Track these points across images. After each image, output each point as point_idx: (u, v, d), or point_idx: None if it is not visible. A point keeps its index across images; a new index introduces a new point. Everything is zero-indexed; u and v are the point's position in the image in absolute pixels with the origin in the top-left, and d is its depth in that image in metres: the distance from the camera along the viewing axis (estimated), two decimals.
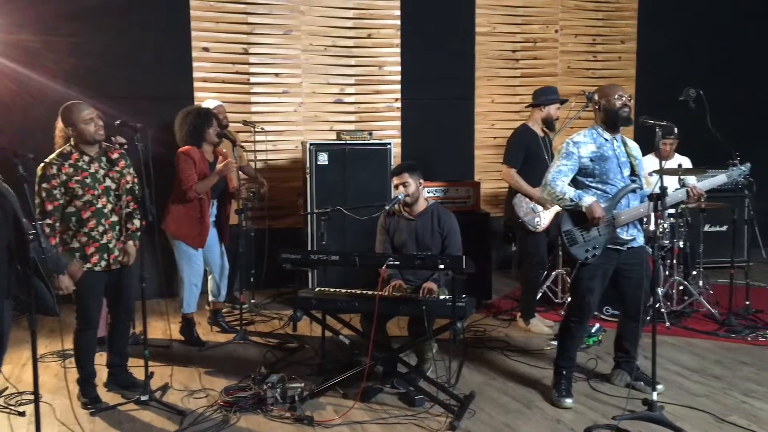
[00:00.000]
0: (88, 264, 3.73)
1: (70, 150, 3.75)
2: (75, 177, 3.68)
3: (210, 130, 4.85)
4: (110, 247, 3.79)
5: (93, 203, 3.72)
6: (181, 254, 4.80)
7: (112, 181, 3.80)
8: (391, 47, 6.73)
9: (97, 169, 3.77)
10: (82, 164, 3.72)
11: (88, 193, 3.70)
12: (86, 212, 3.71)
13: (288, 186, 6.53)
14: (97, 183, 3.75)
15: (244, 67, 6.38)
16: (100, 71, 5.85)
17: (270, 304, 6.01)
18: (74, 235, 3.73)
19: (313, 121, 6.60)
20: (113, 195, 3.80)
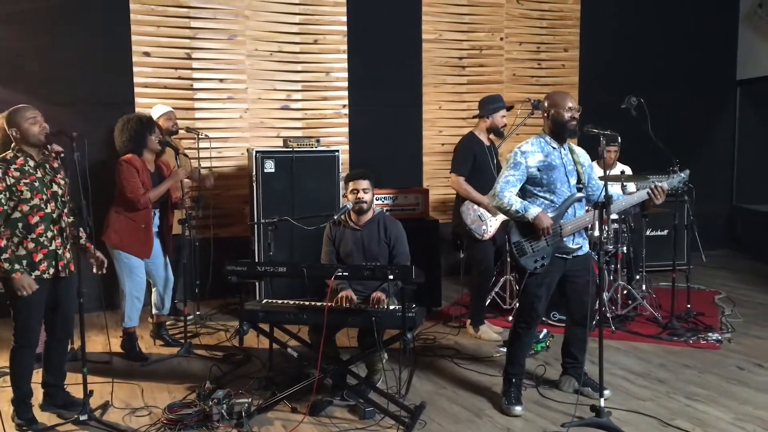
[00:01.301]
0: (36, 272, 3.56)
1: (14, 155, 3.60)
2: (23, 180, 3.53)
3: (152, 137, 4.71)
4: (59, 253, 3.63)
5: (41, 208, 3.57)
6: (122, 266, 4.64)
7: (59, 187, 3.67)
8: (338, 53, 6.69)
9: (44, 174, 3.63)
10: (28, 168, 3.58)
11: (37, 197, 3.56)
12: (34, 217, 3.56)
13: (234, 194, 6.41)
14: (45, 187, 3.60)
15: (186, 72, 6.23)
16: (37, 75, 5.64)
17: (215, 315, 5.88)
18: (21, 242, 3.55)
19: (259, 128, 6.49)
20: (60, 201, 3.65)
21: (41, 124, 3.62)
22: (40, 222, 3.59)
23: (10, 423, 3.69)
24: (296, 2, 6.51)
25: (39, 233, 3.58)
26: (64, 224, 3.67)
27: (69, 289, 3.76)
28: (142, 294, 4.75)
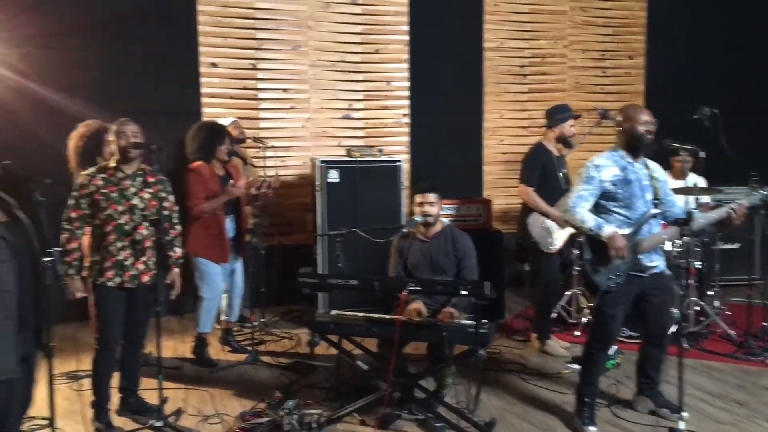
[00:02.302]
0: (101, 278, 3.70)
1: (106, 166, 3.79)
2: (102, 190, 3.70)
3: (222, 147, 4.80)
4: (126, 264, 3.74)
5: (114, 218, 3.70)
6: (200, 273, 4.75)
7: (140, 201, 3.78)
8: (399, 62, 6.69)
9: (128, 186, 3.76)
10: (113, 179, 3.74)
11: (111, 207, 3.70)
12: (107, 226, 3.71)
13: (295, 202, 6.47)
14: (124, 199, 3.73)
15: (251, 82, 6.33)
16: (109, 86, 5.79)
17: (278, 322, 5.94)
18: (97, 248, 3.73)
19: (320, 137, 6.55)
20: (138, 214, 3.76)
21: (128, 139, 3.74)
22: (112, 232, 3.72)
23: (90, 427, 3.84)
24: (358, 12, 6.55)
25: (109, 242, 3.72)
26: (139, 237, 3.77)
27: (139, 297, 3.87)
28: (217, 300, 4.85)
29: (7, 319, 2.60)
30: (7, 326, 2.60)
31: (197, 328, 4.85)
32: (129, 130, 3.78)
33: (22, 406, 2.85)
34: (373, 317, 3.86)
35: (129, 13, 5.84)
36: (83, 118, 4.73)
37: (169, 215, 3.95)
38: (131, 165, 3.80)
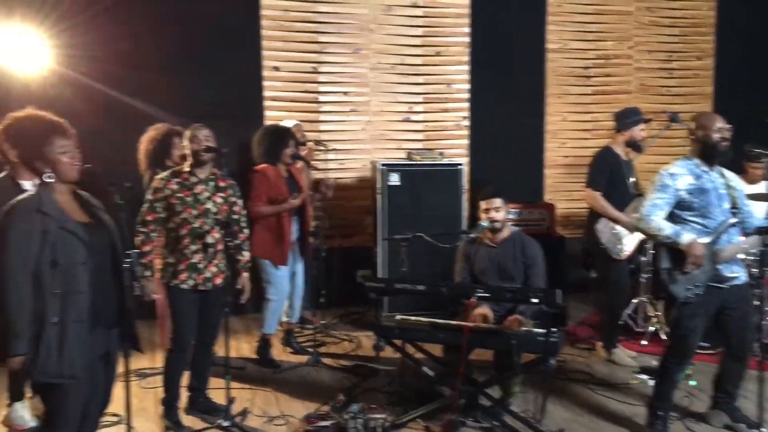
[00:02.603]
0: (175, 281, 3.77)
1: (180, 170, 3.86)
2: (177, 194, 3.76)
3: (286, 150, 4.84)
4: (199, 267, 3.80)
5: (190, 222, 3.77)
6: (267, 274, 4.81)
7: (214, 205, 3.85)
8: (460, 65, 6.65)
9: (202, 191, 3.83)
10: (188, 184, 3.81)
11: (186, 211, 3.76)
12: (182, 230, 3.78)
13: (355, 205, 6.49)
14: (198, 203, 3.79)
15: (313, 85, 6.37)
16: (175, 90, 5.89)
17: (338, 324, 5.95)
18: (171, 251, 3.80)
19: (380, 140, 6.55)
20: (211, 218, 3.82)
21: (200, 143, 3.81)
22: (187, 235, 3.78)
23: (159, 424, 3.90)
24: (419, 15, 6.53)
25: (184, 245, 3.78)
26: (212, 241, 3.83)
27: (212, 299, 3.93)
28: (283, 302, 4.91)
29: (79, 322, 2.63)
30: (77, 328, 2.63)
31: (262, 329, 4.91)
32: (202, 135, 3.86)
33: (101, 406, 2.91)
34: (439, 323, 3.83)
35: (194, 18, 5.95)
36: (152, 122, 4.87)
37: (237, 219, 4.02)
38: (204, 169, 3.87)
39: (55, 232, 2.60)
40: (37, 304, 2.56)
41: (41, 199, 2.63)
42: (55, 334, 2.57)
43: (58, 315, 2.58)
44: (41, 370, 2.56)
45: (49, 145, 2.67)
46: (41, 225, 2.58)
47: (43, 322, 2.56)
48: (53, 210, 2.63)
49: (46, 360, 2.55)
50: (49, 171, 2.69)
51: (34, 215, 2.58)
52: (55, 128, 2.71)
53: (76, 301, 2.62)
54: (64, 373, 2.59)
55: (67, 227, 2.63)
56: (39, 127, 2.70)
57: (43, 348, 2.55)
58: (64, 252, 2.60)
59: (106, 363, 2.86)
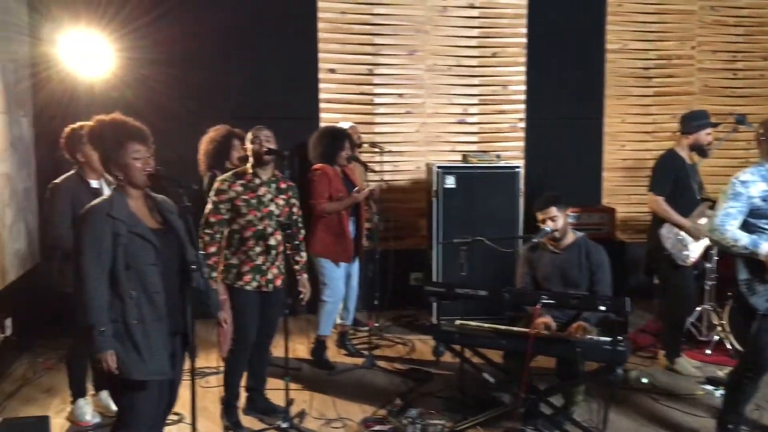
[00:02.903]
0: (240, 282, 3.78)
1: (243, 171, 3.87)
2: (243, 196, 3.78)
3: (342, 152, 4.86)
4: (263, 269, 3.83)
5: (254, 224, 3.79)
6: (324, 274, 4.82)
7: (276, 207, 3.87)
8: (517, 66, 6.56)
9: (265, 192, 3.85)
10: (252, 185, 3.82)
11: (251, 213, 3.78)
12: (247, 232, 3.79)
13: (408, 207, 6.46)
14: (262, 206, 3.81)
15: (368, 87, 6.37)
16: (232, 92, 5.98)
17: (390, 327, 5.93)
18: (234, 252, 3.81)
19: (434, 142, 6.51)
20: (275, 220, 3.84)
21: (261, 144, 3.83)
22: (251, 237, 3.80)
23: (218, 423, 3.93)
24: (476, 15, 6.47)
25: (249, 247, 3.80)
26: (274, 242, 3.85)
27: (273, 300, 3.96)
28: (339, 304, 4.92)
29: (159, 321, 2.70)
30: (159, 327, 2.71)
31: (318, 330, 4.92)
32: (263, 136, 3.88)
33: (168, 406, 2.95)
34: (501, 329, 3.77)
35: (252, 20, 6.02)
36: (211, 124, 4.94)
37: (296, 220, 4.04)
38: (266, 171, 3.88)
39: (125, 236, 2.67)
40: (117, 306, 2.64)
41: (112, 204, 2.71)
42: (141, 334, 2.64)
43: (138, 316, 2.65)
44: (136, 369, 2.63)
45: (123, 150, 2.73)
46: (112, 228, 2.66)
47: (127, 323, 2.64)
48: (123, 214, 2.70)
49: (138, 359, 2.63)
50: (121, 175, 2.75)
51: (105, 219, 2.66)
52: (130, 133, 2.76)
53: (153, 301, 2.69)
54: (158, 369, 2.67)
55: (136, 231, 2.70)
56: (117, 131, 2.76)
57: (133, 348, 2.63)
58: (135, 255, 2.68)
59: (173, 365, 2.89)
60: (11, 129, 5.11)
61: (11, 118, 5.11)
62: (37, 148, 5.71)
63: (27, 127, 5.58)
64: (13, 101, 5.17)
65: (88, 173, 3.89)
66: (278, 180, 3.94)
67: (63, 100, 5.53)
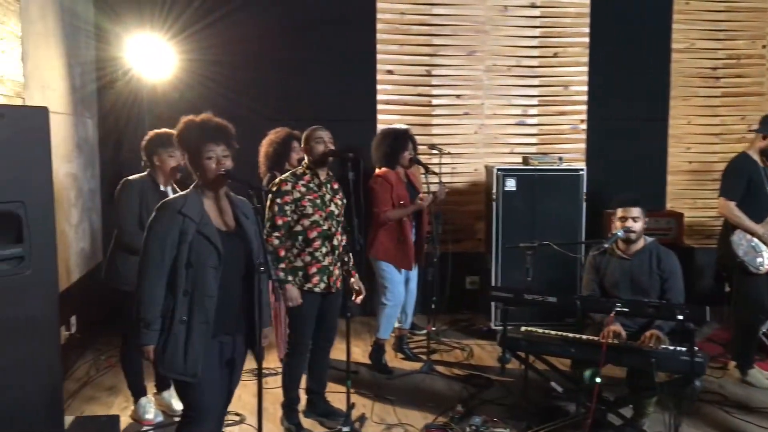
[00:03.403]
0: (308, 284, 3.77)
1: (302, 171, 3.85)
2: (307, 196, 3.77)
3: (405, 153, 4.83)
4: (330, 269, 3.81)
5: (320, 224, 3.78)
6: (385, 277, 4.81)
7: (335, 207, 3.87)
8: (578, 66, 6.43)
9: (325, 192, 3.84)
10: (312, 186, 3.82)
11: (317, 213, 3.77)
12: (312, 232, 3.78)
13: (466, 210, 6.40)
14: (324, 206, 3.81)
15: (426, 89, 6.33)
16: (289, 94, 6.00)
17: (447, 331, 5.88)
18: (299, 254, 3.79)
19: (493, 144, 6.43)
20: (335, 220, 3.83)
21: (326, 145, 3.82)
22: (317, 238, 3.79)
23: (279, 426, 3.93)
24: (537, 15, 6.36)
25: (315, 248, 3.78)
26: (337, 242, 3.84)
27: (335, 302, 3.95)
28: (399, 307, 4.88)
29: (205, 323, 2.70)
30: (203, 330, 2.70)
31: (377, 333, 4.90)
32: (327, 136, 3.86)
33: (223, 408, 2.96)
34: (570, 337, 3.67)
35: (311, 22, 6.03)
36: (270, 125, 4.95)
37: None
38: (323, 171, 3.87)
39: (192, 235, 2.68)
40: (169, 301, 2.67)
41: (185, 202, 2.73)
42: (182, 332, 2.66)
43: (187, 314, 2.67)
44: (168, 365, 2.67)
45: (198, 150, 2.75)
46: (181, 226, 2.68)
47: (173, 319, 2.66)
48: (194, 213, 2.71)
49: (172, 356, 2.66)
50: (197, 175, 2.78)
51: (176, 216, 2.69)
52: (206, 134, 2.77)
53: (204, 303, 2.69)
54: (188, 371, 2.67)
55: (203, 232, 2.71)
56: (196, 132, 2.77)
57: (171, 344, 2.66)
58: (198, 255, 2.69)
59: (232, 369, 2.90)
60: (77, 130, 5.23)
61: (77, 120, 5.24)
62: (101, 149, 5.85)
63: (92, 129, 5.72)
64: (79, 103, 5.29)
65: (159, 177, 3.96)
66: (331, 180, 3.94)
67: (127, 102, 5.66)
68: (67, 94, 5.00)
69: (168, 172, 3.93)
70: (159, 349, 2.67)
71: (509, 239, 5.33)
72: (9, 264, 2.93)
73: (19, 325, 2.93)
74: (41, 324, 3.00)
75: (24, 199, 2.93)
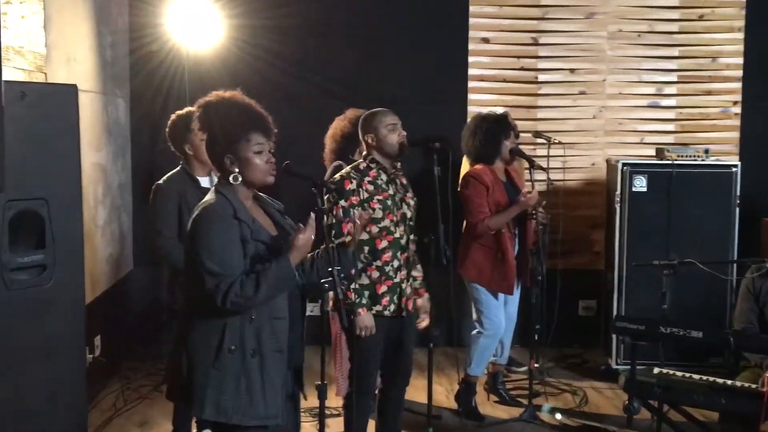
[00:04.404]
0: (377, 306, 3.74)
1: (366, 165, 3.81)
2: (377, 196, 3.73)
3: (506, 142, 4.78)
4: (402, 287, 3.79)
5: (391, 231, 3.75)
6: (480, 303, 4.79)
7: (408, 209, 3.82)
8: (731, 32, 6.26)
9: (395, 191, 3.81)
10: (381, 183, 3.78)
11: (388, 217, 3.75)
12: (382, 241, 3.74)
13: (578, 215, 6.31)
14: (396, 207, 3.78)
15: (530, 61, 6.30)
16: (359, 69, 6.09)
17: (554, 369, 5.81)
18: (364, 269, 3.75)
19: (617, 132, 6.35)
20: (408, 225, 3.81)
21: (400, 132, 3.80)
22: (388, 248, 3.75)
23: None
24: None
25: (385, 261, 3.75)
26: (410, 254, 3.82)
27: (409, 327, 3.92)
28: (497, 338, 4.85)
29: (279, 352, 2.70)
30: (278, 361, 2.70)
31: (467, 369, 4.87)
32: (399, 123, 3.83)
33: None
34: (718, 383, 3.55)
35: None
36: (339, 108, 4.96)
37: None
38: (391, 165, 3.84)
39: (252, 244, 2.67)
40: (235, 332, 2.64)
41: (234, 205, 2.70)
42: (255, 367, 2.65)
43: (256, 346, 2.66)
44: (240, 411, 2.63)
45: (245, 141, 2.72)
46: (240, 234, 2.65)
47: (243, 353, 2.64)
48: (246, 218, 2.70)
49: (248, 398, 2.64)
50: (237, 171, 2.74)
51: (233, 222, 2.66)
52: (254, 120, 2.75)
53: (275, 328, 2.69)
54: (269, 412, 2.66)
55: (260, 239, 2.70)
56: (238, 114, 2.74)
57: (243, 384, 2.64)
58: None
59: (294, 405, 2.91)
60: (107, 112, 5.43)
61: (107, 100, 5.43)
62: (134, 135, 6.05)
63: (124, 110, 5.92)
64: (110, 79, 5.49)
65: (196, 168, 4.00)
66: (398, 174, 3.89)
67: (166, 78, 5.83)
68: (96, 69, 5.18)
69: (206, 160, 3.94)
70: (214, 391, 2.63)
71: (637, 254, 5.24)
72: (29, 274, 3.06)
73: (39, 345, 3.05)
74: (64, 345, 3.11)
75: (47, 197, 3.05)
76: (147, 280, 5.87)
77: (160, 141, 5.83)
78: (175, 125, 4.01)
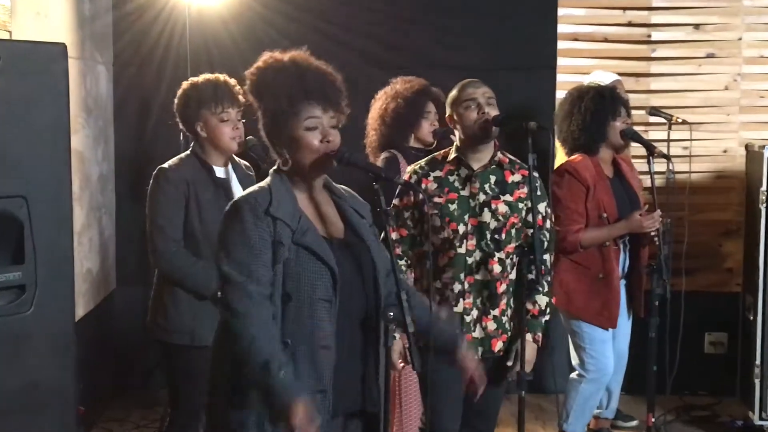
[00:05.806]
0: None
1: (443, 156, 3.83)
2: (436, 198, 3.73)
3: (616, 123, 4.77)
4: (466, 320, 3.76)
5: (453, 245, 3.73)
6: (580, 337, 4.80)
7: (493, 216, 3.76)
8: None
9: (476, 191, 3.76)
10: (453, 180, 3.77)
11: (450, 226, 3.73)
12: (442, 258, 3.74)
13: (704, 219, 6.34)
14: (469, 213, 3.74)
15: (641, 15, 6.30)
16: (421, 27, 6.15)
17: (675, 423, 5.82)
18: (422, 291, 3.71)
19: (758, 109, 6.34)
20: (490, 238, 3.75)
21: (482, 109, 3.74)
22: (449, 266, 3.73)
23: None
24: None
25: (445, 283, 3.74)
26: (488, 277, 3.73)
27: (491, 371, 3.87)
28: (604, 384, 4.87)
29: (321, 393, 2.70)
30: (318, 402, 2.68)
31: (563, 423, 4.88)
32: (482, 95, 3.79)
33: None
34: None
35: None
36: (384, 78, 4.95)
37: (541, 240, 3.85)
38: (482, 154, 3.79)
39: (289, 248, 2.68)
40: None
41: (272, 197, 2.73)
42: None
43: None
44: None
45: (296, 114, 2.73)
46: (273, 234, 2.68)
47: None
48: (287, 214, 2.72)
49: None
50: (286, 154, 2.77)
51: (263, 219, 2.68)
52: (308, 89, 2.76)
53: (316, 360, 2.69)
54: None
55: (304, 243, 2.71)
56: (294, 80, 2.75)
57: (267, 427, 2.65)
58: (299, 280, 2.68)
59: None
60: (85, 83, 5.48)
61: (85, 67, 5.48)
62: (117, 112, 6.10)
63: (105, 81, 5.98)
64: (88, 40, 5.55)
65: (210, 155, 4.01)
66: (503, 168, 3.83)
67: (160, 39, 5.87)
68: (71, 26, 5.22)
69: (224, 144, 3.98)
70: None
71: None
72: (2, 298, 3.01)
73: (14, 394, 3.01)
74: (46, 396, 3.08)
75: (27, 194, 3.02)
76: (135, 302, 5.84)
77: (152, 120, 5.91)
78: (188, 97, 4.01)
